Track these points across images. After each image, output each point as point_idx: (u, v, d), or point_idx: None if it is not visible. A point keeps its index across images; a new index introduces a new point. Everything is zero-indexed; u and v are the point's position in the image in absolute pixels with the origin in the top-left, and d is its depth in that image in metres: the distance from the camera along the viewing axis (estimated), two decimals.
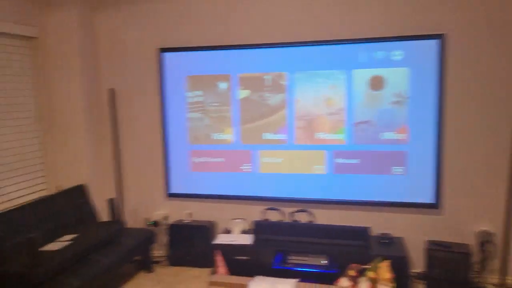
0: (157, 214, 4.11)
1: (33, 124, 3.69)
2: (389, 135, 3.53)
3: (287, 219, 3.84)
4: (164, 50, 3.91)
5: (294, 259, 3.48)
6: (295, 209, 3.81)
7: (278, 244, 3.55)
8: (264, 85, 3.75)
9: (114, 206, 3.66)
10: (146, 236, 3.72)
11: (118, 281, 3.62)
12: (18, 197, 3.51)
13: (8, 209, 3.24)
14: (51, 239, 3.21)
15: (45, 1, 3.75)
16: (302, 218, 3.80)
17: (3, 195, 3.35)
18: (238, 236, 3.70)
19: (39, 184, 3.76)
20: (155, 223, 4.04)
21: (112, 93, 3.99)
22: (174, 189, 4.06)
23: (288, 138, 3.76)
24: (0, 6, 3.29)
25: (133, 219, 4.22)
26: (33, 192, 3.68)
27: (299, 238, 3.58)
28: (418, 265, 3.60)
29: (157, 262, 3.95)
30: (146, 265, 3.82)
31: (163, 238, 4.09)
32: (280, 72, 3.70)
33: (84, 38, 3.86)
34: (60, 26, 3.76)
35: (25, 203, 3.38)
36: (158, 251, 4.09)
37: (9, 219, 3.08)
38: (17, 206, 3.28)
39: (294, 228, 3.62)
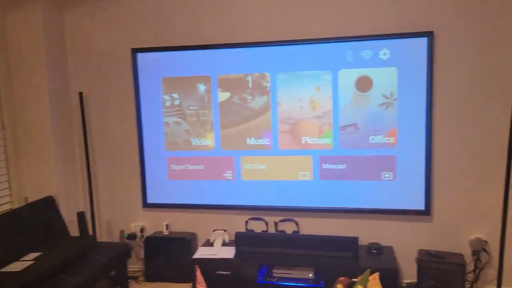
0: (133, 226, 3.85)
1: None
2: (377, 139, 3.35)
3: (271, 230, 3.62)
4: (137, 50, 3.65)
5: (279, 272, 3.28)
6: (280, 218, 3.60)
7: (262, 257, 3.33)
8: (246, 87, 3.53)
9: (84, 219, 3.39)
10: (121, 251, 3.46)
11: None
12: None
13: None
14: (15, 258, 2.94)
15: None
16: (288, 228, 3.59)
17: None
18: (219, 249, 3.47)
19: (2, 196, 3.47)
20: (131, 236, 3.79)
21: (82, 97, 3.72)
22: (151, 199, 3.81)
23: (272, 143, 3.54)
24: None
25: (107, 232, 3.95)
26: None
27: (284, 250, 3.37)
28: (409, 275, 3.42)
29: (133, 278, 3.70)
30: (122, 281, 3.56)
31: (140, 252, 3.84)
32: (262, 73, 3.49)
33: (50, 38, 3.57)
34: (23, 25, 3.47)
35: None
36: (135, 265, 3.84)
37: None
38: None
39: (278, 239, 3.41)
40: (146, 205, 3.82)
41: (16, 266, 2.80)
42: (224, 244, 3.58)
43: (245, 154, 3.61)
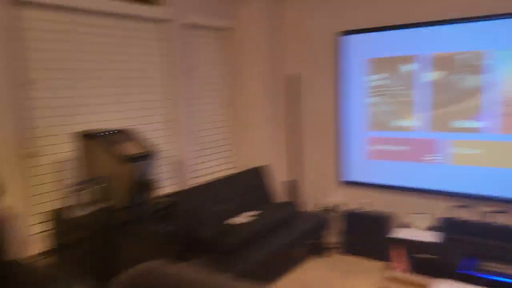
0: (332, 200, 4.09)
1: (222, 108, 4.06)
2: None
3: (479, 219, 3.35)
4: (346, 33, 3.81)
5: (487, 265, 3.02)
6: (493, 209, 3.29)
7: (470, 246, 3.12)
8: (459, 66, 3.31)
9: (293, 187, 3.77)
10: (319, 221, 3.74)
11: (291, 262, 3.74)
12: (211, 173, 3.93)
13: (204, 183, 3.65)
14: (237, 213, 3.49)
15: None
16: (500, 220, 3.26)
17: (202, 169, 3.79)
18: (420, 232, 3.40)
19: (228, 163, 4.14)
20: (330, 209, 4.03)
21: (296, 79, 4.10)
22: (351, 176, 3.97)
23: (488, 126, 3.25)
24: (199, 1, 3.68)
25: (309, 203, 4.29)
26: (223, 170, 4.07)
27: (497, 242, 3.08)
28: None
29: (329, 249, 3.95)
30: (317, 250, 3.84)
31: (337, 225, 4.06)
32: (478, 50, 3.21)
33: (271, 27, 4.04)
34: (251, 17, 4.01)
35: (216, 179, 3.76)
36: (332, 237, 4.08)
37: (204, 191, 3.47)
38: (209, 181, 3.66)
39: (492, 230, 3.13)
40: (345, 182, 4.00)
41: (241, 219, 3.33)
42: (425, 228, 3.48)
43: (455, 137, 3.40)
